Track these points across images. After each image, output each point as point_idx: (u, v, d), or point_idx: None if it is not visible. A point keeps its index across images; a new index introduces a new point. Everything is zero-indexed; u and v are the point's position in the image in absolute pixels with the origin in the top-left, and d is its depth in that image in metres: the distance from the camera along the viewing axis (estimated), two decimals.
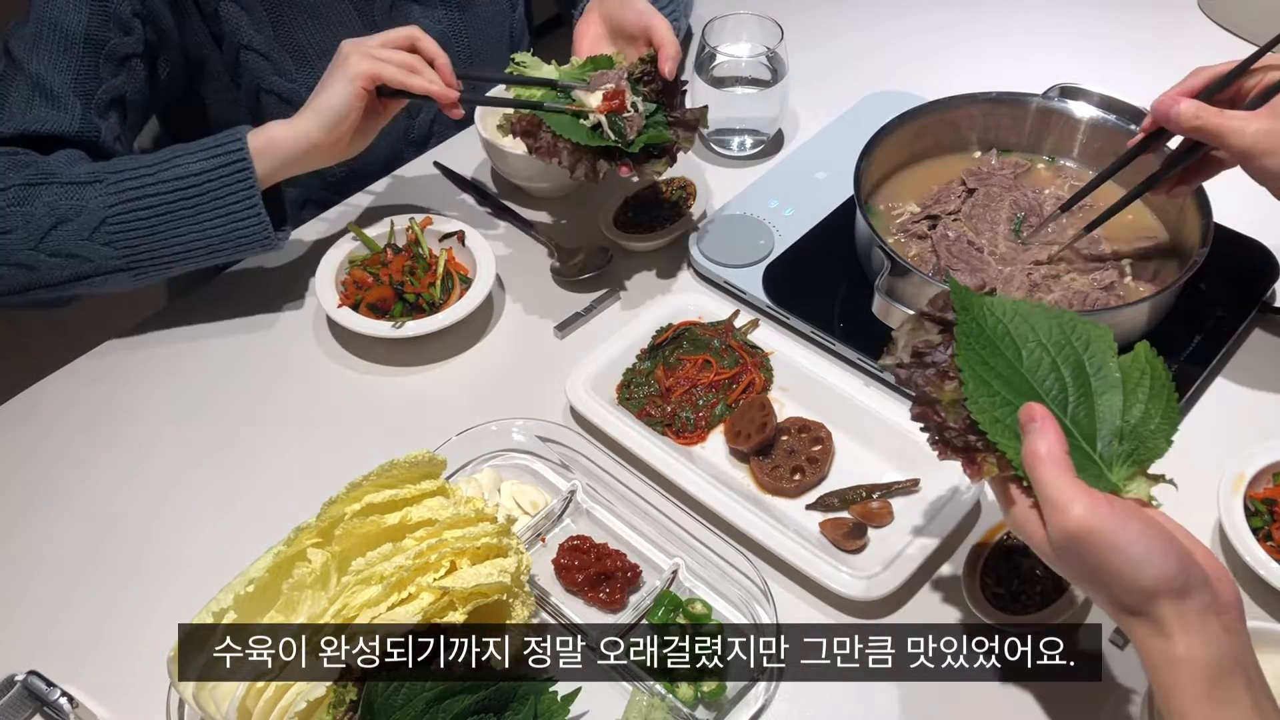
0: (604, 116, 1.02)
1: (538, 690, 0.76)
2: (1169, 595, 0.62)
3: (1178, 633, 0.62)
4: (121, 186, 0.99)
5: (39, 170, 1.00)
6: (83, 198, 0.98)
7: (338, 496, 0.82)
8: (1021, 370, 0.72)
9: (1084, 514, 0.64)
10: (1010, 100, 1.18)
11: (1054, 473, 0.66)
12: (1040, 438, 0.67)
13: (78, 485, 0.99)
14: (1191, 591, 0.63)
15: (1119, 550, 0.63)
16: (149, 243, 1.00)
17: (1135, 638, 0.65)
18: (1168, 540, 0.64)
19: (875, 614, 0.87)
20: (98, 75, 1.07)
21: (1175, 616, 0.63)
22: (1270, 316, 1.08)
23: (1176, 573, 0.62)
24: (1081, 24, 1.54)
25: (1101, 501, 0.64)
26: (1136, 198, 1.03)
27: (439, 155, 1.33)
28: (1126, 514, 0.64)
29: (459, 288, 1.12)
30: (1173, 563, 0.63)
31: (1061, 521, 0.64)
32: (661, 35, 1.06)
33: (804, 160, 1.28)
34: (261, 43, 1.19)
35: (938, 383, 0.71)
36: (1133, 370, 0.72)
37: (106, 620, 0.89)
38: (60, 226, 0.98)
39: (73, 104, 1.05)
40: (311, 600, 0.78)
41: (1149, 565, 0.63)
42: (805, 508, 0.94)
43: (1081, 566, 0.65)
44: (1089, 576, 0.65)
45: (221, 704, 0.74)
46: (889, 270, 0.98)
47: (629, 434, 0.97)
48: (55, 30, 1.05)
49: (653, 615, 0.85)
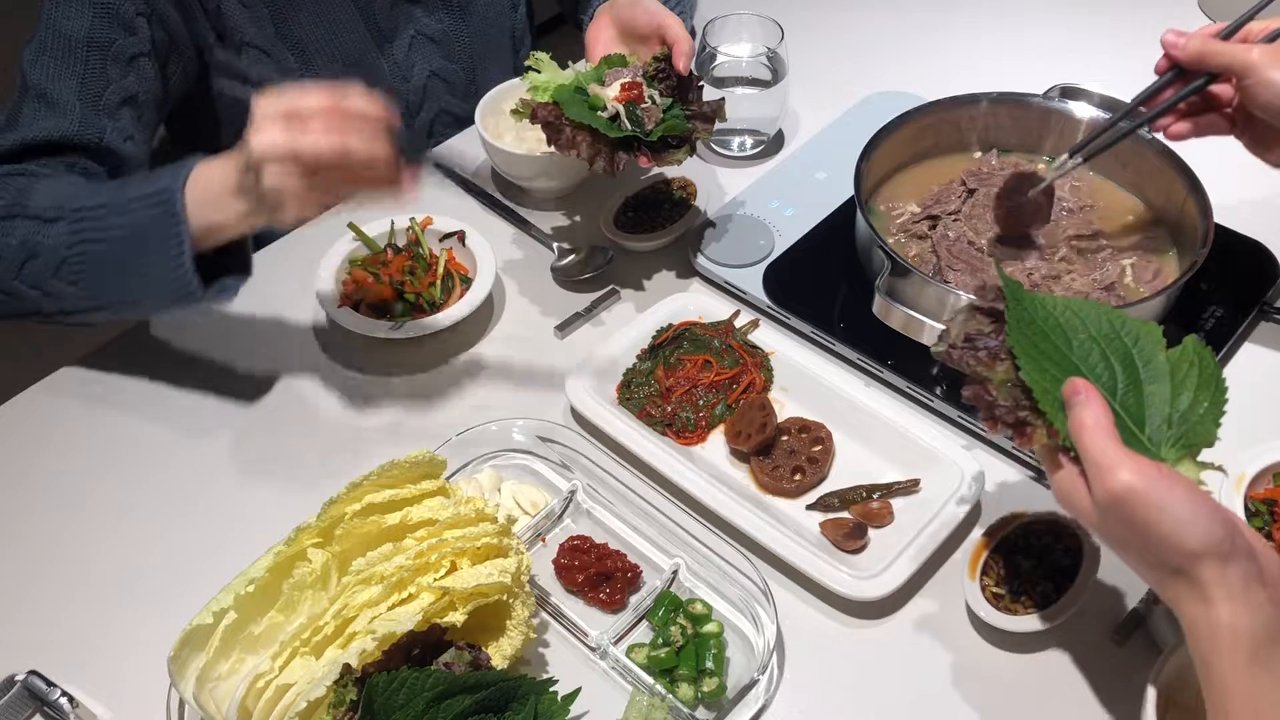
0: (622, 106, 1.02)
1: (538, 690, 0.76)
2: (1213, 559, 0.62)
3: (1220, 599, 0.62)
4: (77, 227, 0.94)
5: (15, 200, 0.97)
6: (46, 235, 0.95)
7: (338, 496, 0.82)
8: (1071, 358, 0.74)
9: (1130, 475, 0.64)
10: (1010, 100, 1.18)
11: (1101, 438, 0.67)
12: (1086, 408, 0.68)
13: (78, 485, 0.99)
14: (1236, 558, 0.62)
15: (1164, 510, 0.63)
16: (108, 286, 0.95)
17: (1177, 602, 0.65)
18: (1214, 506, 0.64)
19: (875, 614, 0.87)
20: (105, 77, 1.06)
21: (1219, 581, 0.62)
22: (1270, 316, 1.08)
23: (1222, 537, 0.62)
24: (1081, 24, 1.54)
25: (1148, 465, 0.65)
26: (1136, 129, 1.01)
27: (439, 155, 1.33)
28: (1173, 478, 0.65)
29: (459, 288, 1.12)
30: (1218, 527, 0.63)
31: (1107, 482, 0.65)
32: (675, 32, 1.06)
33: (804, 160, 1.29)
34: (263, 40, 1.19)
35: (989, 364, 0.74)
36: (1181, 362, 0.74)
37: (106, 620, 0.89)
38: (30, 262, 0.96)
39: (73, 108, 1.04)
40: (312, 600, 0.78)
41: (1194, 526, 0.63)
42: (805, 508, 0.94)
43: (1125, 528, 0.66)
44: (1132, 539, 0.66)
45: (221, 704, 0.74)
46: (889, 270, 0.98)
47: (629, 434, 0.97)
48: (59, 37, 1.05)
49: (653, 615, 0.85)
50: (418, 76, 1.32)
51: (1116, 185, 1.15)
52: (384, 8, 1.26)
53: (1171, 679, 0.75)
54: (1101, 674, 0.83)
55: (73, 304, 0.98)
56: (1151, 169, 1.11)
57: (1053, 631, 0.83)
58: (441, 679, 0.72)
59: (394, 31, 1.28)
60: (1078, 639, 0.85)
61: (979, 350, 0.75)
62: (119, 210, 0.92)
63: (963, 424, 1.00)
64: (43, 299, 0.98)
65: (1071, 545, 0.87)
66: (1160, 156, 1.09)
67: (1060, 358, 0.73)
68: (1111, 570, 0.89)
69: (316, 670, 0.74)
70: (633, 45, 1.13)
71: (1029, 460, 0.97)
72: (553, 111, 1.03)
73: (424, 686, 0.71)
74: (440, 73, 1.34)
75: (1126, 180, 1.15)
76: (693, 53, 1.06)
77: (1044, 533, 0.88)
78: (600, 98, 1.03)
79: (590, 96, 1.04)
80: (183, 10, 1.13)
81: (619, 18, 1.13)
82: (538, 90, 1.06)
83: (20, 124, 1.04)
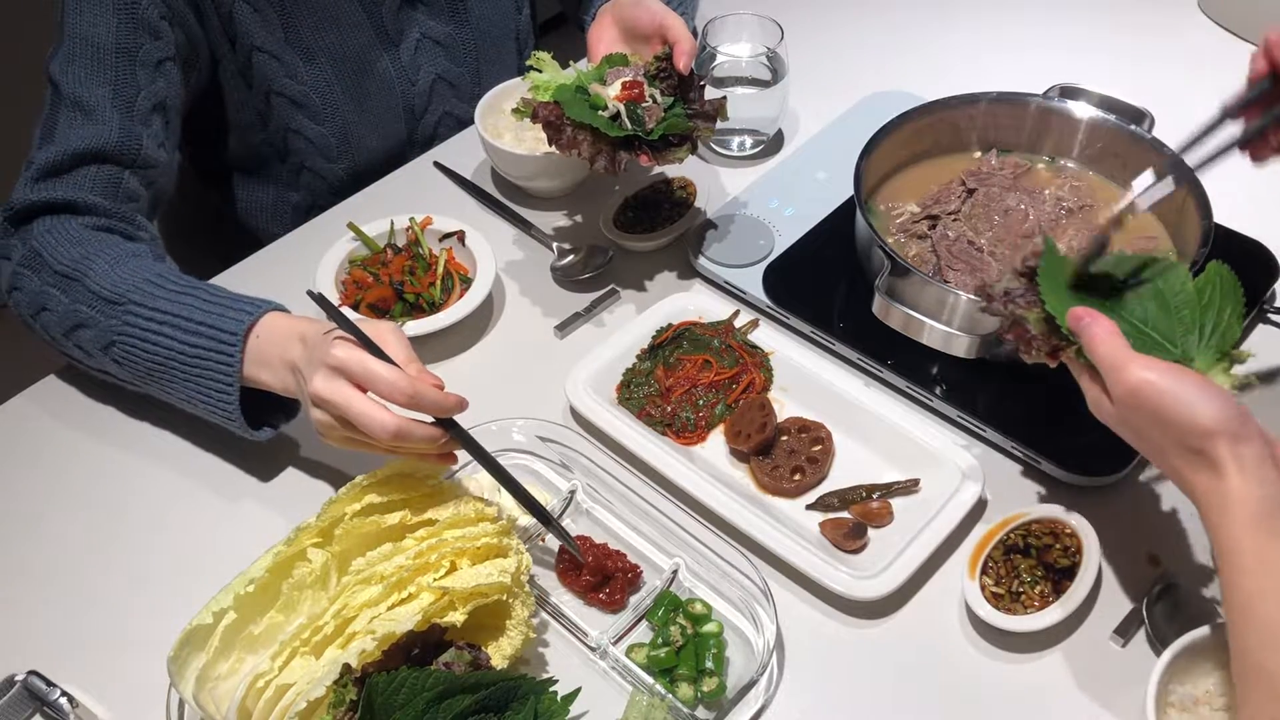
0: (623, 105, 1.02)
1: (538, 690, 0.76)
2: (1226, 436, 0.66)
3: (1233, 472, 0.66)
4: (131, 320, 0.94)
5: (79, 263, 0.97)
6: (101, 312, 0.95)
7: (338, 496, 0.82)
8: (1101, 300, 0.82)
9: (1140, 369, 0.70)
10: (1010, 100, 1.18)
11: (1110, 345, 0.73)
12: (1093, 325, 0.74)
13: (77, 486, 0.99)
14: (1249, 438, 0.67)
15: (1177, 395, 0.68)
16: (152, 381, 0.96)
17: (1191, 481, 0.69)
18: (1226, 394, 0.69)
19: (875, 614, 0.87)
20: (135, 83, 1.06)
21: (1231, 457, 0.66)
22: (1270, 317, 1.08)
23: (1233, 416, 0.67)
24: (1081, 24, 1.54)
25: (1157, 360, 0.71)
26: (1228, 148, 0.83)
27: (439, 155, 1.33)
28: (1183, 370, 0.70)
29: (459, 288, 1.12)
30: (1231, 408, 0.67)
31: (1121, 378, 0.71)
32: (677, 31, 1.07)
33: (804, 160, 1.29)
34: (273, 44, 1.19)
35: (1026, 308, 0.82)
36: (1205, 285, 0.82)
37: (106, 620, 0.89)
38: (79, 330, 0.97)
39: (110, 116, 1.04)
40: (311, 600, 0.78)
41: (1207, 404, 0.67)
42: (805, 508, 0.94)
43: (1142, 418, 0.70)
44: (1149, 427, 0.70)
45: (221, 704, 0.74)
46: (889, 270, 0.98)
47: (629, 434, 0.97)
48: (87, 45, 1.04)
49: (653, 615, 0.85)
50: (423, 79, 1.32)
51: (1116, 185, 1.15)
52: (390, 11, 1.26)
53: (1171, 679, 0.75)
54: (1101, 674, 0.83)
55: (117, 377, 0.99)
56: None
57: (1052, 631, 0.83)
58: (441, 679, 0.72)
59: (400, 35, 1.28)
60: (1078, 639, 0.85)
61: (1017, 299, 0.83)
62: (177, 327, 0.93)
63: (963, 424, 1.00)
64: (87, 360, 0.99)
65: (1071, 545, 0.87)
66: (1160, 157, 1.08)
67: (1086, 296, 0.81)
68: (1111, 570, 0.89)
69: (316, 670, 0.74)
70: (635, 45, 1.13)
71: (1029, 459, 0.97)
72: (554, 111, 1.03)
73: (424, 686, 0.71)
74: (445, 75, 1.34)
75: (1126, 180, 1.14)
76: (694, 51, 1.06)
77: (1044, 533, 0.88)
78: (601, 97, 1.03)
79: (591, 96, 1.04)
80: (198, 13, 1.14)
81: (621, 17, 1.13)
82: (539, 90, 1.05)
83: (57, 136, 1.03)
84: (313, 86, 1.23)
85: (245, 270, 1.19)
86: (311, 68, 1.22)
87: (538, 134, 1.06)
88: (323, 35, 1.22)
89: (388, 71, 1.28)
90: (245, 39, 1.18)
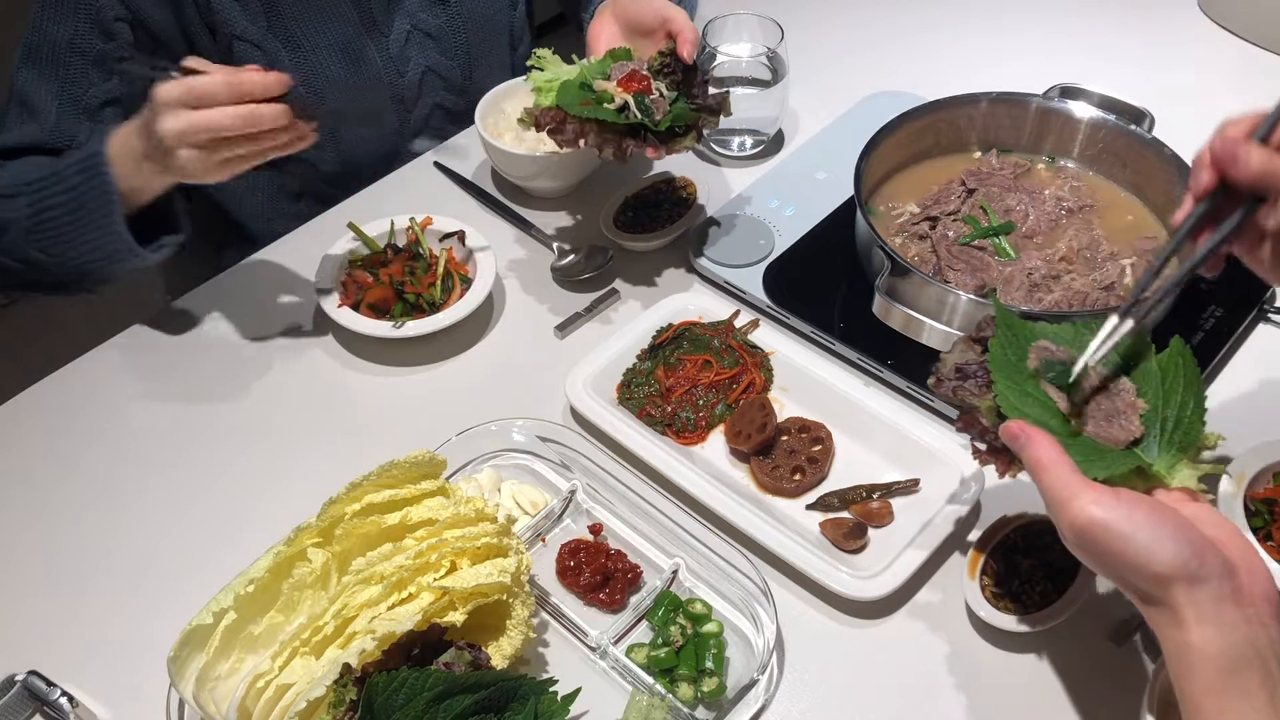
0: (630, 97, 1.02)
1: (538, 690, 0.76)
2: (1182, 582, 0.62)
3: (1191, 621, 0.62)
4: (32, 199, 1.00)
5: None
6: (9, 210, 1.01)
7: (338, 496, 0.82)
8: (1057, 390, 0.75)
9: (1086, 505, 0.64)
10: (1010, 100, 1.18)
11: (1054, 474, 0.67)
12: (1031, 448, 0.69)
13: (77, 486, 0.99)
14: (1207, 579, 0.62)
15: (1126, 538, 0.63)
16: (69, 250, 1.01)
17: (1154, 625, 0.65)
18: (1179, 527, 0.63)
19: (875, 614, 0.87)
20: (86, 80, 1.11)
21: (1189, 604, 0.62)
22: (1270, 316, 1.08)
23: (1189, 559, 0.62)
24: (1081, 24, 1.54)
25: (1106, 493, 0.65)
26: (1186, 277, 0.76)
27: (439, 155, 1.33)
28: (1133, 502, 0.64)
29: (459, 288, 1.12)
30: (1184, 548, 0.62)
31: (1068, 517, 0.65)
32: (680, 23, 1.07)
33: (804, 160, 1.29)
34: (255, 33, 1.19)
35: (978, 394, 0.75)
36: (1169, 365, 0.75)
37: (106, 620, 0.89)
38: (4, 236, 1.02)
39: (49, 114, 1.10)
40: (311, 600, 0.78)
41: (1159, 551, 0.62)
42: (805, 508, 0.94)
43: (1094, 558, 0.66)
44: (1103, 567, 0.66)
45: (221, 704, 0.74)
46: (889, 270, 0.98)
47: (629, 434, 0.97)
48: (45, 40, 1.10)
49: (653, 615, 0.85)
50: (413, 71, 1.32)
51: (1116, 185, 1.15)
52: (379, 1, 1.26)
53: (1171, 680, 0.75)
54: (1101, 674, 0.83)
55: (55, 272, 1.04)
56: (1151, 169, 1.11)
57: (1052, 632, 0.83)
58: (441, 679, 0.72)
59: (389, 25, 1.28)
60: (1077, 639, 0.85)
61: (968, 380, 0.76)
62: (58, 179, 0.99)
63: None
64: (27, 269, 1.04)
65: None
66: (1160, 157, 1.09)
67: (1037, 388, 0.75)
68: None
69: (316, 670, 0.74)
70: (636, 40, 1.13)
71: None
72: (554, 116, 1.03)
73: (424, 686, 0.71)
74: (436, 68, 1.34)
75: (1126, 180, 1.15)
76: (697, 42, 1.07)
77: (1044, 533, 0.88)
78: (607, 91, 1.03)
79: (597, 92, 1.04)
80: (173, 4, 1.14)
81: (622, 13, 1.13)
82: (541, 90, 1.06)
83: (4, 128, 1.10)
84: (296, 75, 1.22)
85: (245, 270, 1.19)
86: (296, 56, 1.22)
87: (538, 134, 1.06)
88: (308, 24, 1.22)
89: (375, 62, 1.28)
90: (225, 27, 1.18)
